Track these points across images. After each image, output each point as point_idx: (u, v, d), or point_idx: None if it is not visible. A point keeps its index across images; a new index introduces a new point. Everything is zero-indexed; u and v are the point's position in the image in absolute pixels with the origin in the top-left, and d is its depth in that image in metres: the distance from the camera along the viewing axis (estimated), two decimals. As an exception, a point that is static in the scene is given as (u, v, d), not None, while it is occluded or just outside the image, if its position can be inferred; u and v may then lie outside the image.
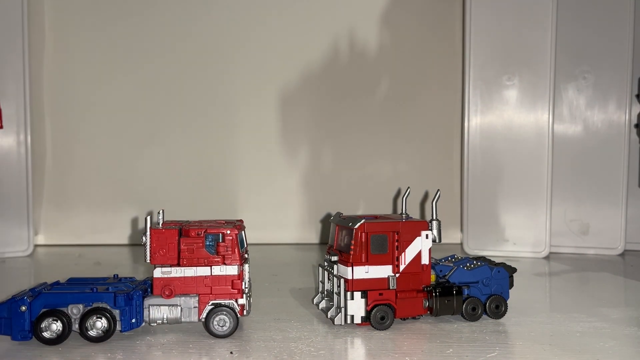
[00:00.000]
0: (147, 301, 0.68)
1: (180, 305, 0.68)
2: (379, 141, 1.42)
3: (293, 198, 1.42)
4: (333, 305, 0.73)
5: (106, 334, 0.65)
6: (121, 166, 1.40)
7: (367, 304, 0.70)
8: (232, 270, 0.68)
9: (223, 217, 1.41)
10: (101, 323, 0.65)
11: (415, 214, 1.34)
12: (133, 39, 1.39)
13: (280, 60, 1.40)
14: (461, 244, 1.33)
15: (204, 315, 0.68)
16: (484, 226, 1.25)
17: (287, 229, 1.42)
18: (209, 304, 0.68)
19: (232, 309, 0.68)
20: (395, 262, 0.71)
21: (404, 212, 0.76)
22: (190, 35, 1.40)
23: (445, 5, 1.41)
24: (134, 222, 1.40)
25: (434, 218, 0.74)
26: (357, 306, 0.70)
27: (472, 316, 0.73)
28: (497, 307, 0.74)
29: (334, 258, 0.73)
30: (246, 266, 0.70)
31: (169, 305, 0.68)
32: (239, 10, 1.40)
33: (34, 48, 1.30)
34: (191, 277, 0.68)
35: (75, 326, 0.65)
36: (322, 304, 0.77)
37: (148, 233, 0.68)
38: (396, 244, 0.71)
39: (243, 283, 0.69)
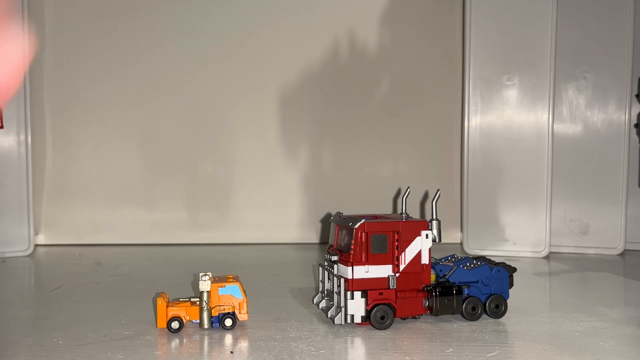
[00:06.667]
0: None
1: None
2: (379, 141, 1.42)
3: (293, 198, 1.42)
4: (333, 304, 0.73)
5: None
6: (121, 166, 1.41)
7: (367, 304, 0.70)
8: None
9: (223, 216, 1.41)
10: None
11: (415, 214, 1.34)
12: (133, 39, 1.39)
13: (280, 60, 1.40)
14: (461, 244, 1.33)
15: None
16: (484, 226, 1.25)
17: (287, 229, 1.42)
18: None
19: None
20: (395, 262, 0.71)
21: (404, 212, 0.76)
22: (190, 35, 1.40)
23: (445, 5, 1.41)
24: (134, 221, 1.40)
25: (434, 218, 0.74)
26: (357, 306, 0.70)
27: (472, 316, 0.73)
28: (497, 307, 0.74)
29: (334, 258, 0.73)
30: None
31: None
32: (238, 10, 1.40)
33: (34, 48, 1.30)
34: None
35: None
36: (322, 304, 0.77)
37: None
38: (396, 243, 0.71)
39: None
